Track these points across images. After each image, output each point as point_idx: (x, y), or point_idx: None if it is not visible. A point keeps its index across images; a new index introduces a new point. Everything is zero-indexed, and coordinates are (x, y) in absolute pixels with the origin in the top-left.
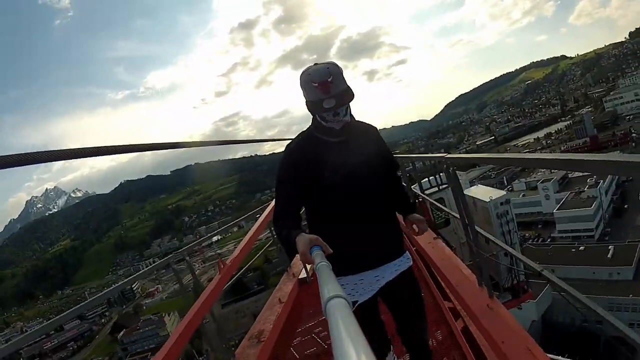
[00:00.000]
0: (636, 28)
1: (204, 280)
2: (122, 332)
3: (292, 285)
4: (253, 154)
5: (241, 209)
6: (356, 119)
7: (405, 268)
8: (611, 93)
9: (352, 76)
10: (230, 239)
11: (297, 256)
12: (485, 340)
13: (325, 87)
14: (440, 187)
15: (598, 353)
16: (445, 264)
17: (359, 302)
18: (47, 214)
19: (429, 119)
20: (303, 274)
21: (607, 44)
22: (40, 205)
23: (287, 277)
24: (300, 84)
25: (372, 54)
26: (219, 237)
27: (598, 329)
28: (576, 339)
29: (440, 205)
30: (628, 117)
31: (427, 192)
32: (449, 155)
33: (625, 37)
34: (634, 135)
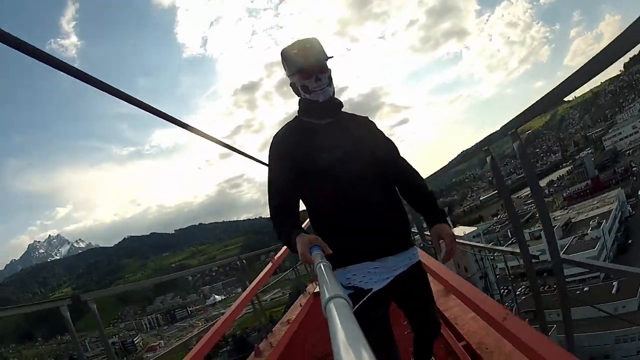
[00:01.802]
0: (630, 58)
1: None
2: None
3: (306, 299)
4: (257, 217)
5: (245, 270)
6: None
7: (417, 260)
8: (609, 131)
9: None
10: (234, 299)
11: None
12: None
13: (304, 51)
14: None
15: None
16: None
17: (373, 290)
18: (49, 260)
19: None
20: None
21: (603, 81)
22: (42, 251)
23: (304, 295)
24: (282, 59)
25: (374, 115)
26: (223, 298)
27: None
28: None
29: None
30: (627, 152)
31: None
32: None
33: (620, 70)
34: (634, 169)
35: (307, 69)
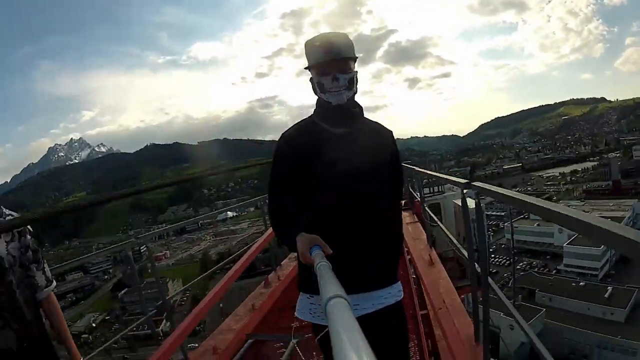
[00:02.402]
0: None
1: (212, 253)
2: (123, 291)
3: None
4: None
5: (261, 189)
6: (380, 123)
7: (392, 302)
8: None
9: (394, 81)
10: (245, 218)
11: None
12: None
13: (326, 45)
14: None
15: None
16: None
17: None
18: (67, 164)
19: (462, 135)
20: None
21: None
22: (62, 154)
23: (274, 276)
24: (305, 52)
25: (417, 63)
26: (235, 214)
27: None
28: None
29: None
30: None
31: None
32: (476, 183)
33: None
34: None
35: (325, 64)
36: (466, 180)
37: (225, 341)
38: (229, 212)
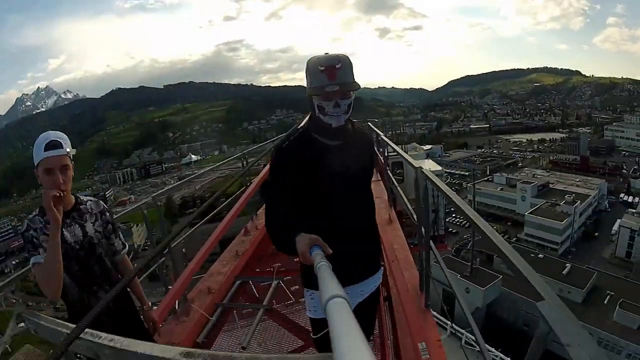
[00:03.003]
0: None
1: (176, 197)
2: None
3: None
4: (249, 83)
5: (226, 134)
6: (362, 128)
7: (374, 289)
8: (614, 123)
9: (364, 29)
10: (209, 161)
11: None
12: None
13: (332, 71)
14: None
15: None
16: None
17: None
18: (34, 112)
19: (430, 89)
20: None
21: (624, 77)
22: (29, 104)
23: (252, 225)
24: (307, 70)
25: (389, 13)
26: (199, 158)
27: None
28: (515, 338)
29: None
30: (624, 153)
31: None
32: (424, 170)
33: None
34: (624, 171)
35: (329, 91)
36: (419, 166)
37: (218, 282)
38: (192, 156)
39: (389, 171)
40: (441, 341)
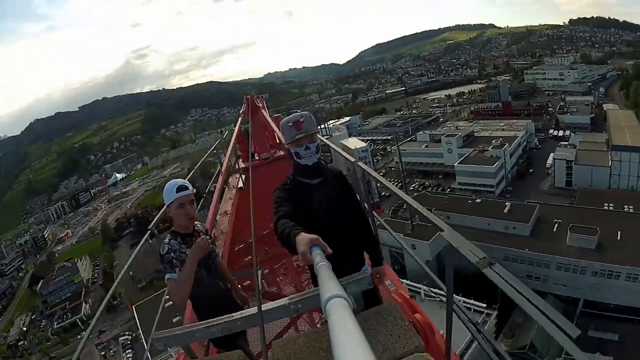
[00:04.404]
0: (578, 17)
1: (111, 221)
2: (39, 284)
3: (232, 192)
4: (161, 88)
5: (146, 145)
6: (332, 166)
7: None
8: (534, 67)
9: (273, 14)
10: (134, 177)
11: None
12: None
13: (298, 124)
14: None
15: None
16: None
17: None
18: None
19: (341, 63)
20: (240, 184)
21: (541, 24)
22: None
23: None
24: (281, 129)
25: None
26: (123, 176)
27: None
28: (466, 281)
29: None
30: (548, 93)
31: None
32: (360, 164)
33: (564, 22)
34: (550, 109)
35: (299, 139)
36: (354, 160)
37: None
38: (117, 175)
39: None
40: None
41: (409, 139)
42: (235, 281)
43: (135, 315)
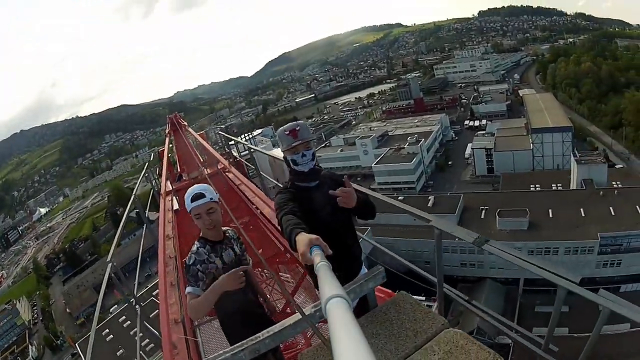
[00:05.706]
0: (488, 8)
1: (41, 258)
2: None
3: (171, 214)
4: (74, 116)
5: (65, 176)
6: (327, 171)
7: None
8: (444, 62)
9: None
10: (58, 210)
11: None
12: None
13: (294, 132)
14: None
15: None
16: None
17: None
18: None
19: (249, 75)
20: (175, 206)
21: (450, 18)
22: None
23: (164, 210)
24: (278, 138)
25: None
26: (47, 210)
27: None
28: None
29: None
30: (460, 85)
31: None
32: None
33: (473, 14)
34: (463, 100)
35: (295, 146)
36: (285, 184)
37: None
38: (41, 210)
39: (245, 167)
40: None
41: (323, 144)
42: (264, 290)
43: (79, 351)
